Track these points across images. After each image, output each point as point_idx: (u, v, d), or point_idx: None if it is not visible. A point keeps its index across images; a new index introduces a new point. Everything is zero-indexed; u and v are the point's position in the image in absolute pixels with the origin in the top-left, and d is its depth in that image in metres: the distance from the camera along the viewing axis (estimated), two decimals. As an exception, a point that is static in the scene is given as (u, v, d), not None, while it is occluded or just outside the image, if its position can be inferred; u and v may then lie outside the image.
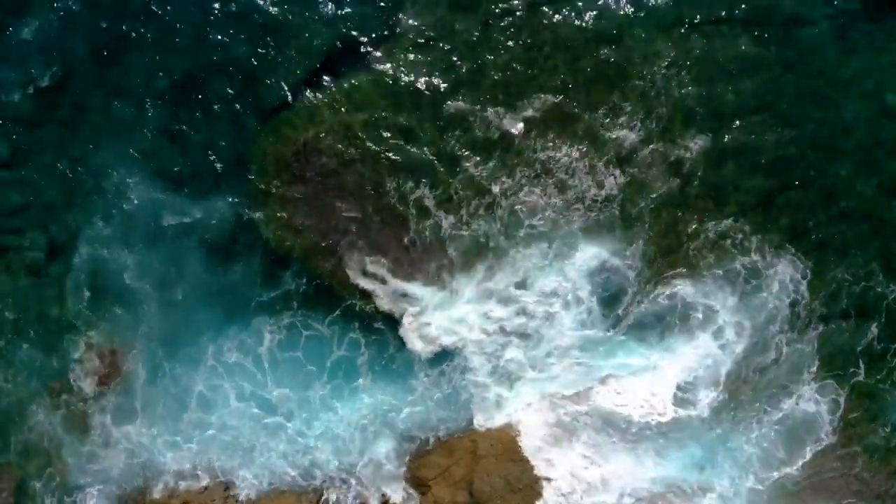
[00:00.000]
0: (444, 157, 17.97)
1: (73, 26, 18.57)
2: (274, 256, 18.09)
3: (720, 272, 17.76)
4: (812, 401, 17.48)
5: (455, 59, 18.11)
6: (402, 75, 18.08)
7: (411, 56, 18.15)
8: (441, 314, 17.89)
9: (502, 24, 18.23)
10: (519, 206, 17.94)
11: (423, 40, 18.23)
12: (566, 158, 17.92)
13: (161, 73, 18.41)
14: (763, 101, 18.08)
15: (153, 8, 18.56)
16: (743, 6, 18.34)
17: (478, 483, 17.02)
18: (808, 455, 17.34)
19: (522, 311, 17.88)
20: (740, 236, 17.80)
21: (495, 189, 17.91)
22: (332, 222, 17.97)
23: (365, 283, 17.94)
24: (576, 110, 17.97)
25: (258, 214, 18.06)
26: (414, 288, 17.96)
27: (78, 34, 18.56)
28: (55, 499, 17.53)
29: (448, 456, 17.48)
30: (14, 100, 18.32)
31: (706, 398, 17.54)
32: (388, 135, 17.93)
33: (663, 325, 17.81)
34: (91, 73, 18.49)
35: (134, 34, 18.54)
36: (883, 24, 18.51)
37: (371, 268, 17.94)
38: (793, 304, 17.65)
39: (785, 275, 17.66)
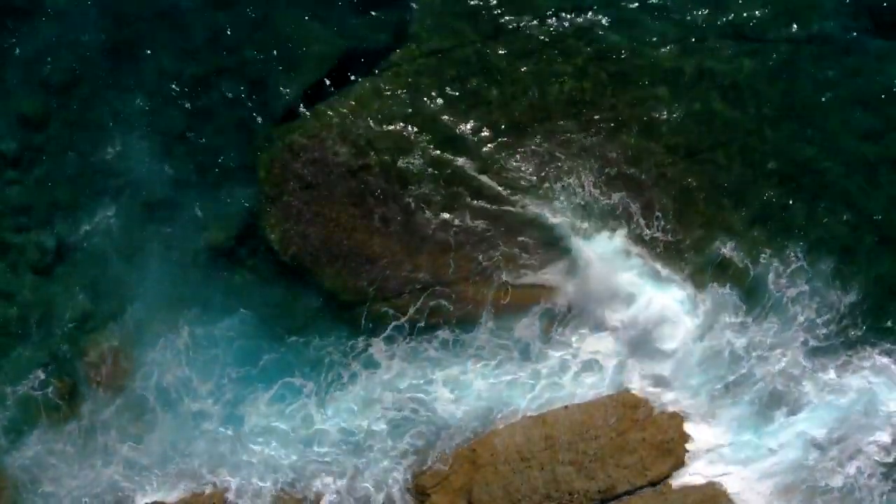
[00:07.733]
0: (454, 164, 17.99)
1: (83, 25, 18.76)
2: (279, 264, 18.04)
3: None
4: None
5: (466, 67, 18.25)
6: (412, 84, 18.19)
7: (421, 65, 18.28)
8: None
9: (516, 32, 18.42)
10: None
11: (433, 49, 18.36)
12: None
13: (171, 76, 18.55)
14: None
15: (164, 10, 18.74)
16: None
17: (477, 492, 17.03)
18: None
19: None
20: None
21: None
22: (338, 231, 17.95)
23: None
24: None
25: (265, 221, 18.04)
26: None
27: (88, 34, 18.74)
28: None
29: (447, 464, 17.49)
30: (23, 98, 18.47)
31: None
32: (398, 143, 17.99)
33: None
34: (101, 74, 18.63)
35: (145, 36, 18.73)
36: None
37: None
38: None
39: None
